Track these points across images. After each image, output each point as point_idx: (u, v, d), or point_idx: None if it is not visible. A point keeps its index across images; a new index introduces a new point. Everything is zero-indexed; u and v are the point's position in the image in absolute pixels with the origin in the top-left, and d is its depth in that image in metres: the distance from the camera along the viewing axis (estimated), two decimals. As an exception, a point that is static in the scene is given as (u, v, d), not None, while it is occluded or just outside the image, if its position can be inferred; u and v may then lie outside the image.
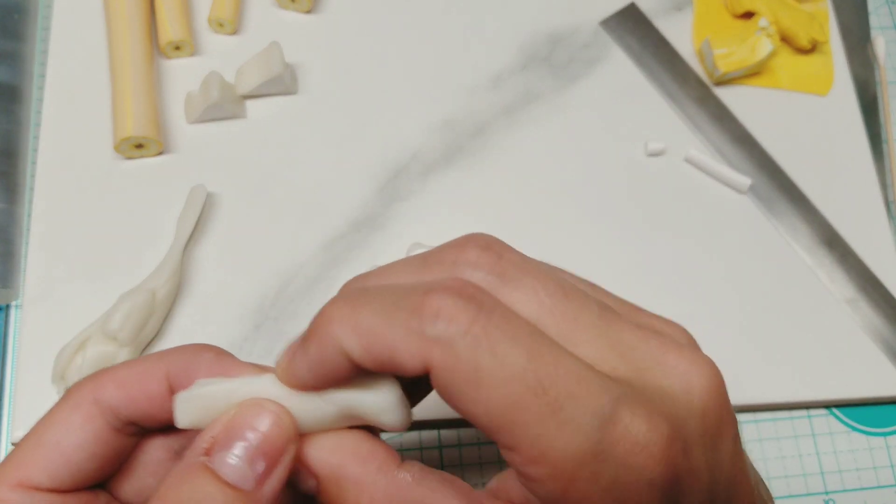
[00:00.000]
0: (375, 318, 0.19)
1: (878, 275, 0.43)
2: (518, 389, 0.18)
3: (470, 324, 0.18)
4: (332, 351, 0.19)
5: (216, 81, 0.43)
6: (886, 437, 0.41)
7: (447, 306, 0.18)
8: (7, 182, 0.42)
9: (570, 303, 0.20)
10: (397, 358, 0.18)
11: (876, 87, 0.49)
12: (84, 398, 0.22)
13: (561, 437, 0.17)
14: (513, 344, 0.18)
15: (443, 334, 0.18)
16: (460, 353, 0.18)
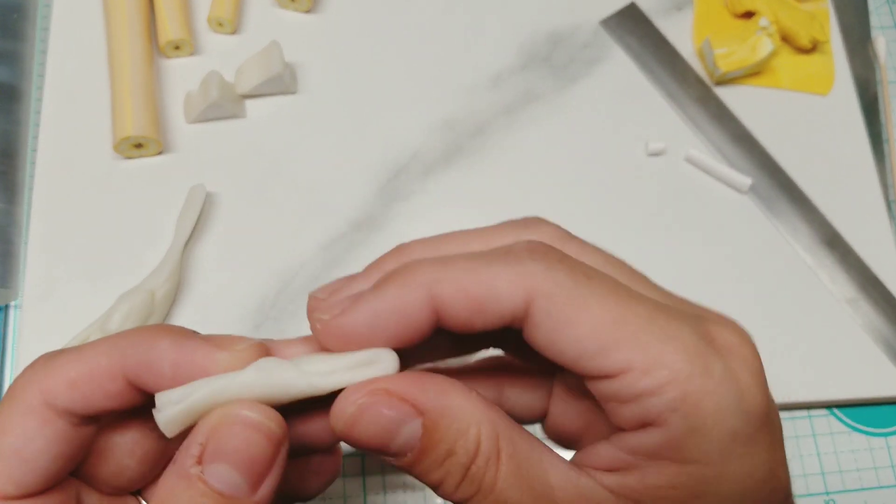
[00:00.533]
0: (470, 262, 0.19)
1: (879, 275, 0.43)
2: (618, 306, 0.19)
3: (562, 257, 0.20)
4: (418, 294, 0.19)
5: (216, 81, 0.43)
6: (887, 438, 0.41)
7: (538, 247, 0.20)
8: (6, 182, 0.42)
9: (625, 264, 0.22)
10: (498, 292, 0.19)
11: (876, 86, 0.49)
12: (34, 401, 0.20)
13: (670, 345, 0.18)
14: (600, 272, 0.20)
15: (541, 263, 0.19)
16: (560, 278, 0.19)
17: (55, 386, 0.20)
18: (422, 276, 0.19)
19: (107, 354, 0.21)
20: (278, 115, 0.45)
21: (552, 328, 0.19)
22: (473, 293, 0.19)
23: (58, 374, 0.21)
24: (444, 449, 0.19)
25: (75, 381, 0.20)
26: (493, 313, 0.19)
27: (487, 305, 0.19)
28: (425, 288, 0.19)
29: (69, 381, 0.20)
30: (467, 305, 0.19)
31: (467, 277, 0.19)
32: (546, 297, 0.19)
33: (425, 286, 0.19)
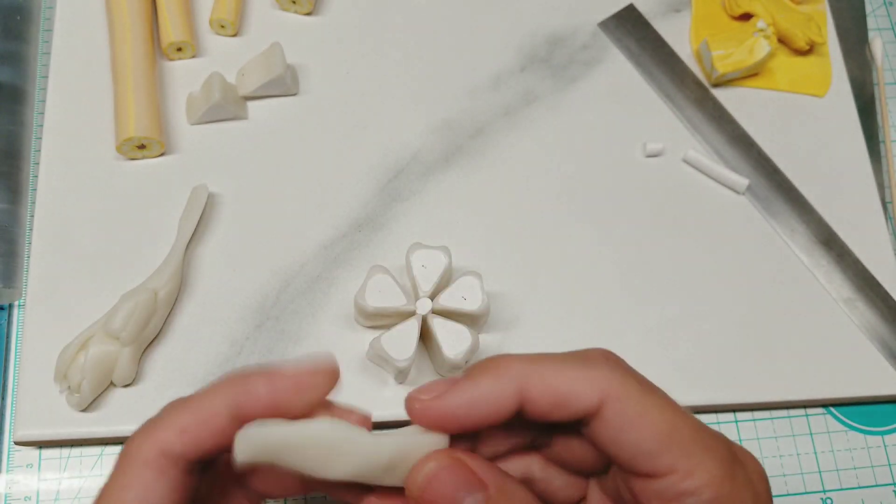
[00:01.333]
0: (555, 363, 0.23)
1: (876, 275, 0.43)
2: (673, 416, 0.22)
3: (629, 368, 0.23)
4: (509, 386, 0.22)
5: (218, 82, 0.43)
6: (884, 436, 0.41)
7: (611, 356, 0.23)
8: (10, 182, 0.43)
9: None
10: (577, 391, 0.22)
11: (873, 88, 0.49)
12: (150, 453, 0.22)
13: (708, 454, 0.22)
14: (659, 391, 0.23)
15: (615, 371, 0.23)
16: (630, 386, 0.22)
17: (168, 436, 0.23)
18: (514, 370, 0.23)
19: (212, 398, 0.23)
20: (280, 117, 0.45)
21: (619, 427, 0.22)
22: (558, 390, 0.22)
23: (169, 423, 0.23)
24: None
25: (185, 428, 0.23)
26: (571, 408, 0.22)
27: (568, 401, 0.22)
28: (516, 381, 0.22)
29: (180, 429, 0.23)
30: (551, 400, 0.22)
31: (553, 375, 0.23)
32: (618, 401, 0.22)
33: (516, 379, 0.22)
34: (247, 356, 0.39)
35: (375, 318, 0.39)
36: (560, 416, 0.22)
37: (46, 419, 0.38)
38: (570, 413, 0.22)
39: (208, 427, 0.23)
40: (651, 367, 0.40)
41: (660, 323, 0.41)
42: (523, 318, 0.41)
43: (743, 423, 0.41)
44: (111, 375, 0.38)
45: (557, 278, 0.42)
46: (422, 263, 0.38)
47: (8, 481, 0.38)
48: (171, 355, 0.39)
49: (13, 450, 0.39)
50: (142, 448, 0.22)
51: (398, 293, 0.38)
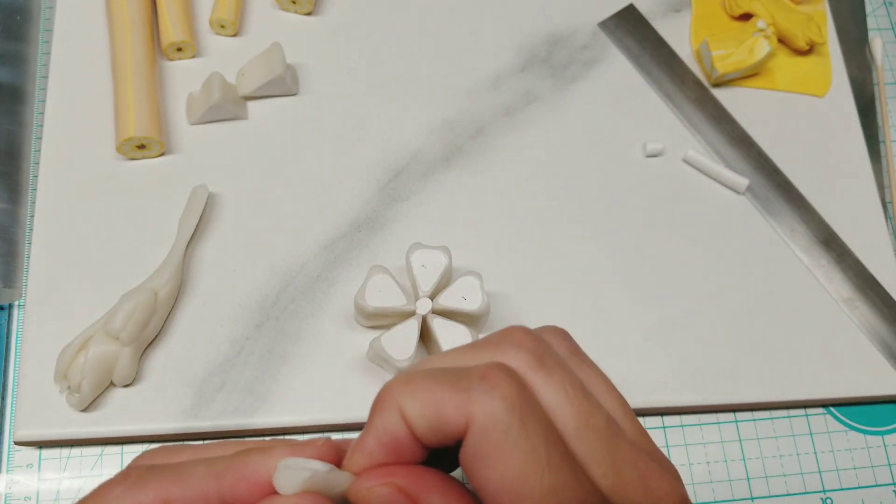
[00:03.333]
0: (428, 381, 0.21)
1: (876, 275, 0.43)
2: (532, 463, 0.20)
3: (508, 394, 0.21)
4: (393, 416, 0.21)
5: (218, 82, 0.43)
6: (884, 436, 0.41)
7: (493, 374, 0.21)
8: (10, 182, 0.43)
9: (587, 403, 0.22)
10: (445, 414, 0.21)
11: (873, 88, 0.49)
12: None
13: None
14: (539, 426, 0.21)
15: (487, 395, 0.21)
16: (498, 414, 0.20)
17: (149, 503, 0.22)
18: (391, 397, 0.21)
19: (203, 479, 0.22)
20: (280, 117, 0.45)
21: (473, 457, 0.21)
22: (427, 412, 0.21)
23: (152, 492, 0.22)
24: None
25: (170, 500, 0.22)
26: (443, 433, 0.21)
27: (439, 425, 0.21)
28: (396, 408, 0.21)
29: (163, 500, 0.22)
30: (424, 423, 0.21)
31: (424, 396, 0.21)
32: (479, 430, 0.20)
33: (395, 406, 0.21)
34: (247, 356, 0.39)
35: (375, 318, 0.39)
36: (439, 440, 0.21)
37: (46, 419, 0.38)
38: (446, 438, 0.21)
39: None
40: (651, 367, 0.40)
41: (660, 323, 0.41)
42: (523, 318, 0.41)
43: (743, 423, 0.41)
44: (111, 375, 0.38)
45: (557, 278, 0.42)
46: (422, 263, 0.38)
47: (8, 481, 0.38)
48: (171, 355, 0.39)
49: (13, 450, 0.39)
50: (119, 502, 0.22)
51: (398, 293, 0.38)
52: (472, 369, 0.22)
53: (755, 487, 0.40)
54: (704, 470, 0.40)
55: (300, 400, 0.39)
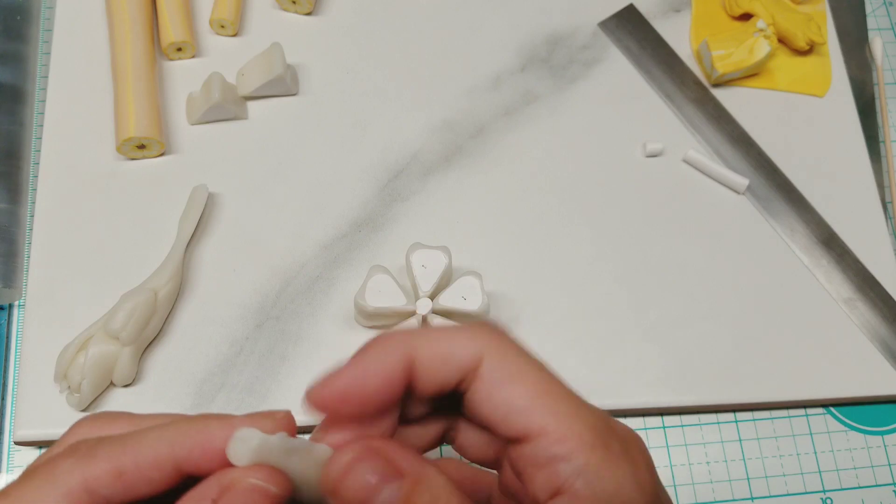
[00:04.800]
0: (436, 331, 0.23)
1: (876, 275, 0.43)
2: (546, 379, 0.22)
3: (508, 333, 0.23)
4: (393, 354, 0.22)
5: (218, 82, 0.43)
6: (884, 436, 0.41)
7: (489, 325, 0.23)
8: (10, 182, 0.43)
9: None
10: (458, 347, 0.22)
11: (873, 88, 0.49)
12: (74, 485, 0.21)
13: (580, 420, 0.22)
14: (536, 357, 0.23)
15: (493, 332, 0.23)
16: (506, 345, 0.23)
17: (100, 475, 0.21)
18: (399, 339, 0.23)
19: (155, 445, 0.22)
20: (280, 117, 0.45)
21: (494, 382, 0.22)
22: (441, 348, 0.22)
23: (104, 463, 0.21)
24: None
25: (122, 471, 0.21)
26: (454, 366, 0.22)
27: (450, 359, 0.22)
28: (402, 348, 0.22)
29: (116, 471, 0.21)
30: (436, 359, 0.22)
31: (436, 339, 0.23)
32: (495, 356, 0.22)
33: (402, 346, 0.22)
34: (247, 356, 0.39)
35: (375, 318, 0.39)
36: (446, 374, 0.22)
37: (46, 419, 0.38)
38: (454, 369, 0.22)
39: (148, 476, 0.21)
40: (651, 367, 0.40)
41: (659, 322, 0.41)
42: (523, 318, 0.41)
43: (743, 423, 0.41)
44: (111, 375, 0.38)
45: (557, 278, 0.42)
46: (422, 263, 0.38)
47: (8, 481, 0.38)
48: (171, 355, 0.39)
49: (13, 450, 0.39)
50: (70, 475, 0.21)
51: (398, 293, 0.38)
52: (469, 323, 0.24)
53: (755, 487, 0.40)
54: (704, 470, 0.40)
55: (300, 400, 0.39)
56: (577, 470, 0.21)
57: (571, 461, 0.21)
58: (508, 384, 0.22)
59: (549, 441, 0.21)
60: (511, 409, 0.22)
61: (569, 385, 0.23)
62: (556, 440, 0.21)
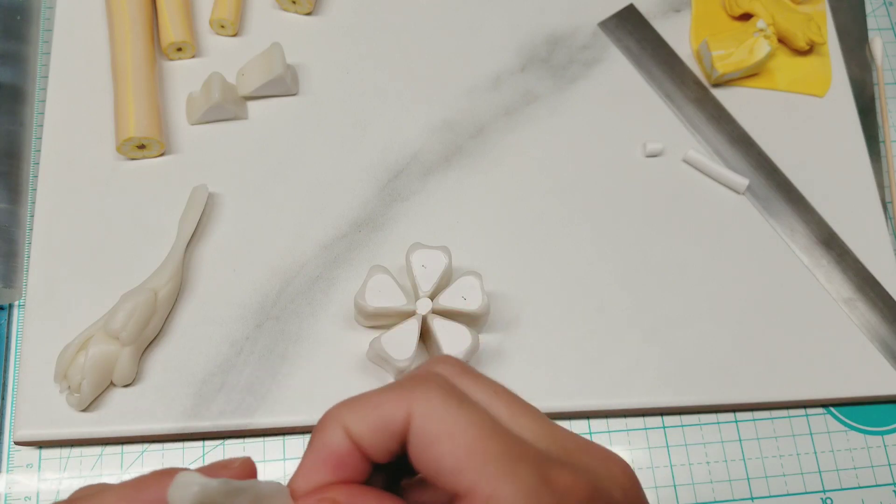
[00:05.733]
0: (368, 394, 0.23)
1: (876, 275, 0.43)
2: (478, 436, 0.22)
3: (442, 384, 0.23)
4: (336, 432, 0.22)
5: (218, 82, 0.43)
6: (884, 436, 0.41)
7: (422, 374, 0.23)
8: (10, 182, 0.43)
9: (515, 398, 0.24)
10: (386, 413, 0.22)
11: (873, 88, 0.49)
12: None
13: (510, 480, 0.21)
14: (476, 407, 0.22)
15: (422, 387, 0.22)
16: (435, 401, 0.22)
17: None
18: (332, 415, 0.23)
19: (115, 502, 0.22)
20: (280, 117, 0.45)
21: (421, 443, 0.22)
22: (370, 418, 0.22)
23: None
24: None
25: None
26: (388, 433, 0.22)
27: (382, 426, 0.22)
28: (337, 423, 0.23)
29: None
30: (368, 429, 0.22)
31: (364, 406, 0.23)
32: (421, 416, 0.22)
33: (336, 421, 0.23)
34: (247, 356, 0.39)
35: (375, 318, 0.39)
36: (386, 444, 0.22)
37: (46, 419, 0.38)
38: (391, 438, 0.22)
39: None
40: (651, 367, 0.40)
41: (660, 323, 0.41)
42: (523, 318, 0.41)
43: (743, 423, 0.41)
44: (111, 375, 0.38)
45: (557, 278, 0.42)
46: (422, 263, 0.38)
47: (8, 481, 0.38)
48: (171, 355, 0.39)
49: (13, 450, 0.39)
50: None
51: (398, 293, 0.38)
52: (405, 377, 0.23)
53: (755, 487, 0.40)
54: (704, 470, 0.40)
55: (300, 400, 0.39)
56: None
57: None
58: (436, 444, 0.22)
59: (478, 501, 0.21)
60: (440, 469, 0.22)
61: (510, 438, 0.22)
62: (487, 500, 0.21)
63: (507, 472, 0.21)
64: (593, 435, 0.40)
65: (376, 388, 0.23)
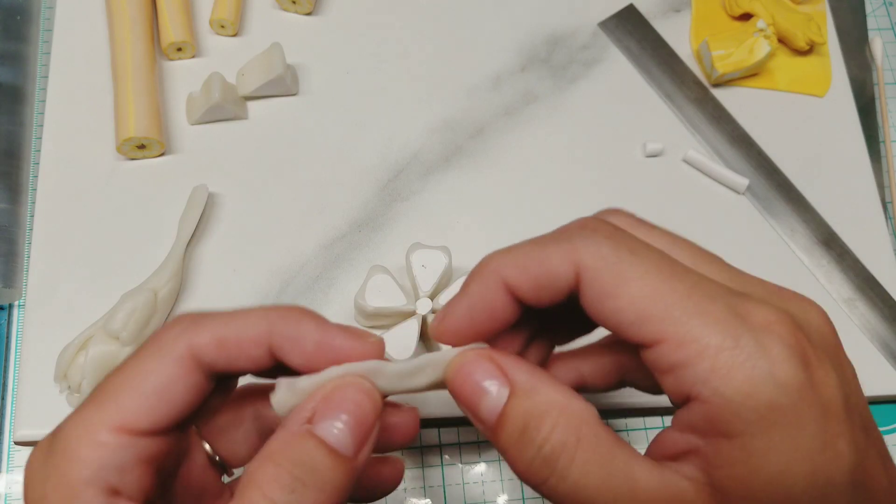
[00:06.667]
0: (528, 246, 0.22)
1: (876, 275, 0.43)
2: (657, 280, 0.20)
3: (611, 233, 0.21)
4: (492, 282, 0.22)
5: (218, 82, 0.43)
6: (884, 437, 0.41)
7: (589, 223, 0.22)
8: (10, 182, 0.43)
9: (697, 246, 0.22)
10: (552, 268, 0.21)
11: (873, 88, 0.49)
12: (183, 351, 0.22)
13: (701, 319, 0.19)
14: (651, 252, 0.21)
15: (589, 239, 0.21)
16: (605, 252, 0.21)
17: (205, 343, 0.22)
18: (491, 265, 0.22)
19: (256, 323, 0.23)
20: (280, 117, 0.45)
21: (596, 298, 0.21)
22: (533, 272, 0.21)
23: (208, 332, 0.22)
24: (521, 424, 0.21)
25: (224, 341, 0.22)
26: (552, 287, 0.21)
27: (546, 281, 0.21)
28: (495, 274, 0.22)
29: (219, 340, 0.22)
30: (530, 283, 0.22)
31: (526, 259, 0.22)
32: (591, 270, 0.21)
33: (495, 273, 0.22)
34: (247, 356, 0.39)
35: (375, 318, 0.39)
36: (550, 296, 0.22)
37: (46, 419, 0.38)
38: (556, 292, 0.21)
39: (245, 350, 0.22)
40: (651, 367, 0.40)
41: (660, 323, 0.41)
42: (523, 318, 0.41)
43: (743, 423, 0.41)
44: (111, 375, 0.38)
45: (557, 278, 0.42)
46: (422, 263, 0.38)
47: (8, 481, 0.38)
48: (171, 355, 0.39)
49: (13, 450, 0.39)
50: (177, 343, 0.22)
51: (398, 293, 0.38)
52: (569, 226, 0.22)
53: (755, 487, 0.40)
54: (704, 470, 0.40)
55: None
56: (702, 377, 0.19)
57: (694, 368, 0.19)
58: (610, 299, 0.20)
59: (667, 348, 0.20)
60: (620, 322, 0.20)
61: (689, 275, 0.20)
62: (674, 347, 0.19)
63: (697, 312, 0.19)
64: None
65: (537, 237, 0.22)
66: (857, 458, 0.20)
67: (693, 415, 0.20)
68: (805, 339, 0.20)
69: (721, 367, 0.19)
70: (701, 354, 0.19)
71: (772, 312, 0.20)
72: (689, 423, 0.20)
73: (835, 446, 0.19)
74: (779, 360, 0.19)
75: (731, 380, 0.19)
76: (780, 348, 0.19)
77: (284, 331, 0.23)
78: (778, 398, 0.19)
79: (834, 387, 0.20)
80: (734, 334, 0.19)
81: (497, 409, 0.21)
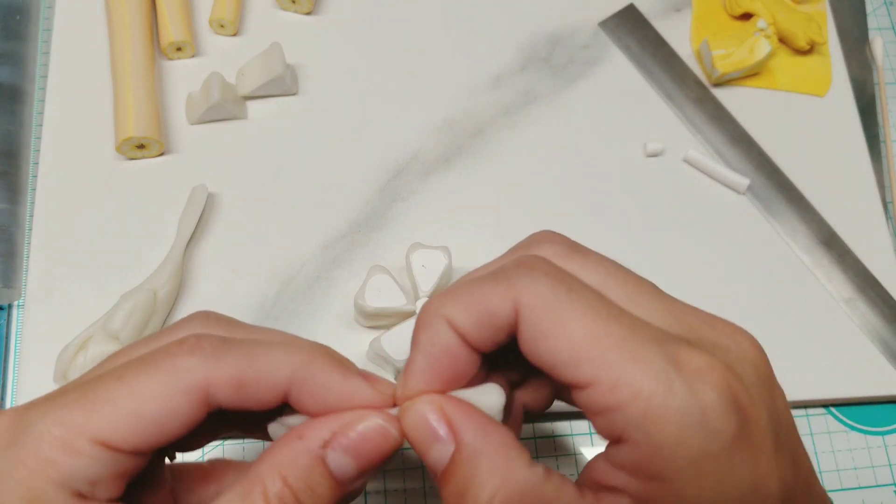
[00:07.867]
0: (469, 286, 0.22)
1: (876, 274, 0.43)
2: (594, 323, 0.20)
3: (549, 270, 0.21)
4: (440, 327, 0.21)
5: (217, 82, 0.43)
6: (884, 437, 0.41)
7: (529, 261, 0.22)
8: (9, 182, 0.43)
9: (631, 275, 0.22)
10: (491, 307, 0.21)
11: (874, 87, 0.49)
12: (197, 384, 0.21)
13: (636, 365, 0.19)
14: (587, 291, 0.21)
15: (527, 277, 0.21)
16: (542, 290, 0.20)
17: (224, 382, 0.21)
18: (434, 310, 0.22)
19: (279, 367, 0.22)
20: (279, 116, 0.45)
21: (532, 338, 0.20)
22: (474, 312, 0.21)
23: (230, 369, 0.21)
24: (462, 486, 0.21)
25: (243, 383, 0.22)
26: (494, 326, 0.21)
27: (488, 320, 0.21)
28: (440, 318, 0.21)
29: (238, 381, 0.22)
30: (473, 323, 0.21)
31: (468, 298, 0.21)
32: (529, 309, 0.20)
33: (440, 316, 0.21)
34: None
35: (375, 318, 0.39)
36: (491, 336, 0.21)
37: (46, 419, 0.38)
38: (497, 331, 0.21)
39: (260, 393, 0.22)
40: (651, 367, 0.40)
41: (660, 323, 0.41)
42: (523, 318, 0.41)
43: (743, 424, 0.41)
44: (111, 376, 0.37)
45: (557, 278, 0.42)
46: (422, 263, 0.38)
47: (7, 481, 0.38)
48: (170, 355, 0.39)
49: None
50: (192, 373, 0.21)
51: (398, 293, 0.38)
52: (507, 264, 0.22)
53: (755, 488, 0.40)
54: (705, 470, 0.40)
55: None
56: (635, 421, 0.19)
57: (627, 411, 0.19)
58: (549, 337, 0.20)
59: (601, 391, 0.19)
60: (556, 362, 0.20)
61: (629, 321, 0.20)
62: (608, 390, 0.19)
63: (631, 358, 0.19)
64: (592, 435, 0.40)
65: (477, 278, 0.22)
66: (786, 494, 0.20)
67: (624, 455, 0.20)
68: (737, 382, 0.20)
69: (654, 412, 0.19)
70: (635, 399, 0.19)
71: (704, 358, 0.20)
72: (620, 461, 0.20)
73: (765, 486, 0.20)
74: (711, 407, 0.19)
75: (663, 426, 0.19)
76: (713, 395, 0.19)
77: (308, 382, 0.22)
78: (709, 445, 0.19)
79: (765, 427, 0.20)
80: (667, 380, 0.19)
81: (441, 464, 0.21)
